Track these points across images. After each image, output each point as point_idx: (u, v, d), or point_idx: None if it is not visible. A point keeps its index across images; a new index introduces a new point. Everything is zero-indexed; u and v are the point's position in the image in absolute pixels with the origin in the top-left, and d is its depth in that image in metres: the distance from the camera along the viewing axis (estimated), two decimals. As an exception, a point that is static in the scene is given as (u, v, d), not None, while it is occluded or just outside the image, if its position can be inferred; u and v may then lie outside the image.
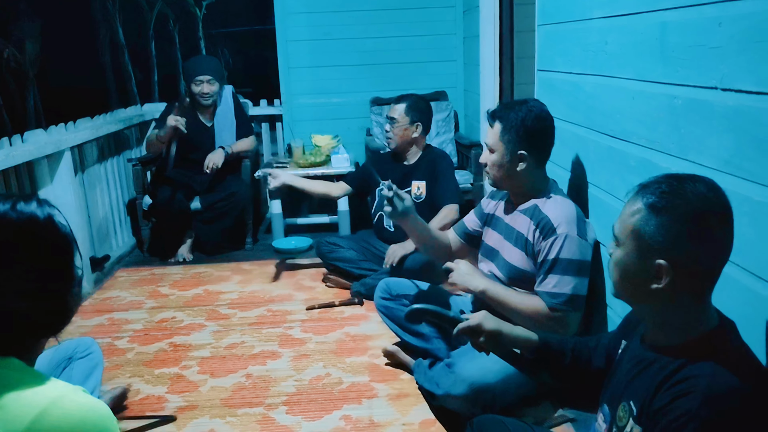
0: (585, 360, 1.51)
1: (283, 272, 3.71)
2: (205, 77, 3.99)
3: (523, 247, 2.07)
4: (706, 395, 1.03)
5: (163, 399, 2.38)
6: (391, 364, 2.56)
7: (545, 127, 2.08)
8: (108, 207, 4.06)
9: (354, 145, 4.70)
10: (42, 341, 1.08)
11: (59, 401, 0.92)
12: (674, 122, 1.61)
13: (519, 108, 2.06)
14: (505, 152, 2.06)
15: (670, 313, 1.15)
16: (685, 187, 1.13)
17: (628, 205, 1.18)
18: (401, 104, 3.19)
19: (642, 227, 1.12)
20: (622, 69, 1.92)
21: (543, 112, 2.07)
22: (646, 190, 1.16)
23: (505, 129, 2.05)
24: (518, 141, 2.04)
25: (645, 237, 1.12)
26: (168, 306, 3.27)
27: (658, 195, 1.12)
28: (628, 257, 1.16)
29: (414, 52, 4.82)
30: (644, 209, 1.13)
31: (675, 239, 1.09)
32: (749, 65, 1.30)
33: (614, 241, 1.21)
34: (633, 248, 1.14)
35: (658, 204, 1.11)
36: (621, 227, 1.18)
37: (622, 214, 1.18)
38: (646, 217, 1.12)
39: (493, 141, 2.09)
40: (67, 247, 1.05)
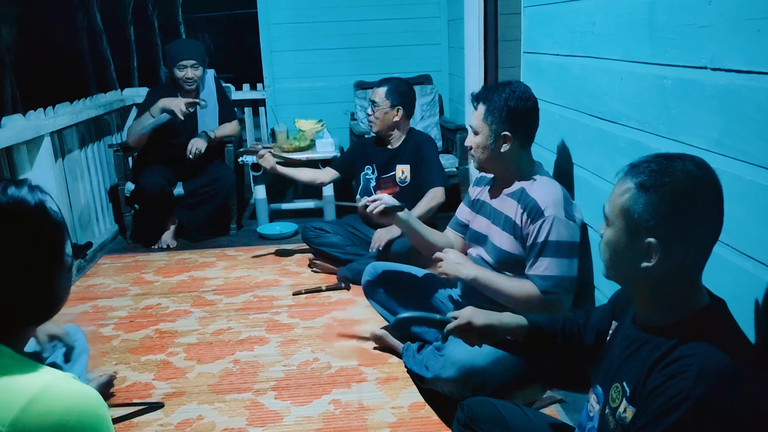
0: (576, 337, 1.52)
1: (268, 258, 3.68)
2: (190, 62, 3.93)
3: (512, 231, 2.07)
4: (700, 374, 1.03)
5: (150, 386, 2.36)
6: (379, 348, 2.55)
7: (529, 108, 2.07)
8: (90, 193, 4.00)
9: (338, 130, 4.67)
10: (30, 328, 1.07)
11: (50, 388, 0.91)
12: (664, 103, 1.61)
13: (502, 89, 2.06)
14: (489, 134, 2.06)
15: (661, 292, 1.15)
16: (674, 165, 1.13)
17: (618, 184, 1.18)
18: (382, 88, 3.17)
19: (631, 206, 1.12)
20: (610, 50, 1.91)
21: (526, 93, 2.07)
22: (636, 169, 1.16)
23: (489, 110, 2.05)
24: (502, 122, 2.03)
25: (634, 215, 1.12)
26: (153, 293, 3.23)
27: (647, 173, 1.12)
28: (618, 236, 1.16)
29: (398, 36, 4.78)
30: (633, 188, 1.13)
31: (664, 217, 1.09)
32: (739, 44, 1.30)
33: (605, 221, 1.20)
34: (623, 227, 1.14)
35: (647, 182, 1.11)
36: (611, 206, 1.18)
37: (612, 194, 1.18)
38: (636, 195, 1.12)
39: (477, 123, 2.09)
40: (57, 233, 1.03)
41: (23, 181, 1.03)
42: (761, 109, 1.24)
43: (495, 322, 1.56)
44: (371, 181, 3.26)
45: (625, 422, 1.14)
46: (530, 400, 2.14)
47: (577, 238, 2.03)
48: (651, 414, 1.06)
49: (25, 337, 1.05)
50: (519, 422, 1.60)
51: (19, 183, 1.01)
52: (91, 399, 0.94)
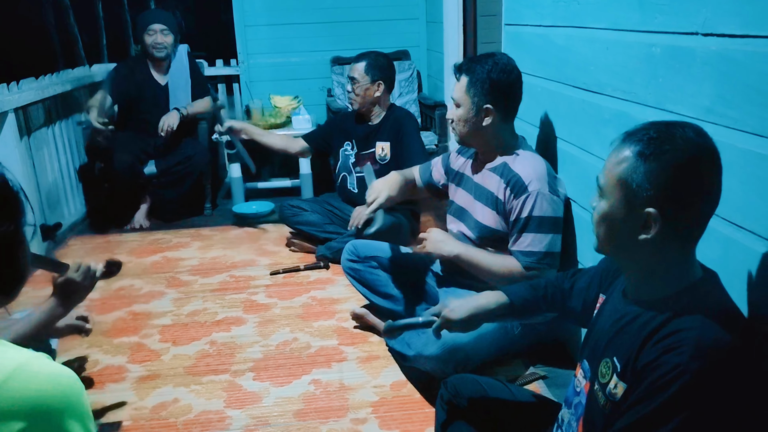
0: (559, 303, 1.51)
1: (245, 237, 3.60)
2: (159, 26, 3.80)
3: (494, 206, 2.03)
4: (696, 348, 1.00)
5: (123, 369, 2.29)
6: (359, 326, 2.51)
7: (512, 81, 2.03)
8: (58, 172, 3.86)
9: (315, 106, 4.57)
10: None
11: (26, 365, 0.87)
12: (652, 72, 1.56)
13: (485, 61, 2.01)
14: (471, 106, 2.01)
15: (656, 265, 1.12)
16: (674, 132, 1.08)
17: (612, 154, 1.13)
18: (361, 63, 3.08)
19: (629, 175, 1.07)
20: (595, 19, 1.86)
21: (510, 65, 2.02)
22: (632, 137, 1.11)
23: (471, 82, 2.00)
24: (484, 94, 1.99)
25: (633, 185, 1.07)
26: (125, 274, 3.13)
27: (645, 141, 1.07)
28: (614, 208, 1.11)
29: (375, 10, 4.68)
30: (632, 157, 1.08)
31: (664, 186, 1.05)
32: (734, 7, 1.25)
33: (598, 193, 1.15)
34: (620, 198, 1.09)
35: (647, 150, 1.06)
36: (606, 177, 1.12)
37: (607, 164, 1.13)
38: (634, 164, 1.07)
39: (459, 95, 2.03)
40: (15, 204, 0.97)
41: None
42: (756, 74, 1.20)
43: (475, 310, 1.53)
44: (350, 157, 3.19)
45: (616, 398, 1.11)
46: (513, 376, 2.11)
47: (561, 213, 2.00)
48: (645, 389, 1.03)
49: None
50: (502, 398, 1.57)
51: None
52: (69, 377, 0.91)
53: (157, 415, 2.01)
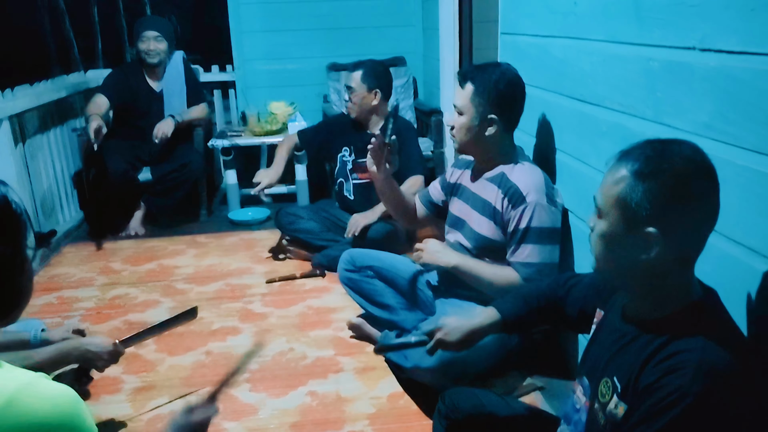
0: (553, 312, 1.50)
1: (240, 245, 3.59)
2: (152, 33, 3.80)
3: (492, 217, 2.03)
4: (698, 370, 0.99)
5: (118, 380, 2.27)
6: (356, 337, 2.50)
7: (517, 93, 2.03)
8: (53, 179, 3.85)
9: (311, 113, 4.56)
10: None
11: (27, 387, 0.87)
12: (650, 85, 1.56)
13: (493, 70, 2.00)
14: (475, 115, 2.00)
15: (656, 285, 1.11)
16: (671, 150, 1.08)
17: (609, 173, 1.12)
18: (358, 71, 3.07)
19: (628, 195, 1.06)
20: (593, 31, 1.86)
21: (516, 77, 2.03)
22: (629, 156, 1.10)
23: (477, 91, 1.99)
24: (489, 104, 1.98)
25: (632, 205, 1.06)
26: (120, 282, 3.13)
27: (643, 160, 1.07)
28: (613, 228, 1.10)
29: (371, 16, 4.67)
30: (629, 176, 1.07)
31: (664, 205, 1.04)
32: (733, 23, 1.25)
33: (596, 213, 1.15)
34: (619, 218, 1.09)
35: (645, 169, 1.06)
36: (604, 197, 1.11)
37: (604, 184, 1.12)
38: (632, 184, 1.06)
39: (463, 103, 2.02)
40: (16, 227, 0.97)
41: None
42: (754, 91, 1.20)
43: (469, 332, 1.53)
44: (348, 163, 3.19)
45: (617, 419, 1.10)
46: (510, 387, 2.11)
47: (559, 224, 1.99)
48: (647, 411, 1.02)
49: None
50: (500, 413, 1.57)
51: None
52: (71, 397, 0.91)
53: (152, 428, 2.00)
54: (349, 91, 3.07)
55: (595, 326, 1.35)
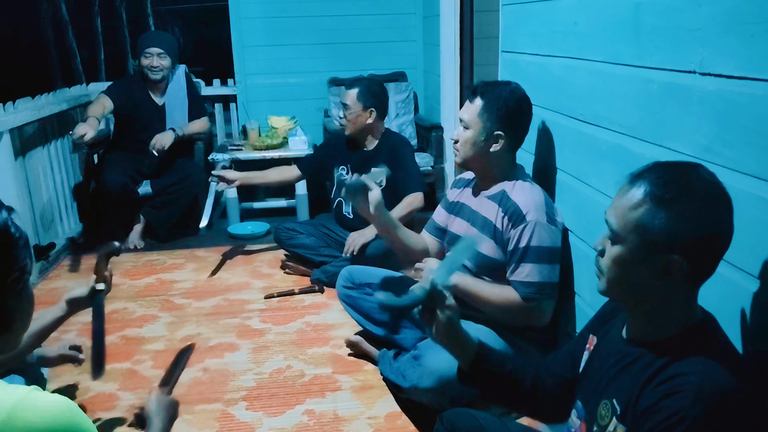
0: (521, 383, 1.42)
1: (239, 259, 3.58)
2: (156, 50, 3.82)
3: (492, 235, 2.02)
4: (698, 394, 0.99)
5: (114, 397, 2.26)
6: (354, 354, 2.48)
7: (525, 112, 2.04)
8: (53, 192, 3.84)
9: (311, 127, 4.58)
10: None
11: (25, 401, 0.88)
12: (649, 107, 1.56)
13: (503, 87, 2.01)
14: (482, 130, 2.00)
15: (663, 307, 1.11)
16: (689, 174, 1.07)
17: (623, 198, 1.10)
18: (353, 90, 3.06)
19: (649, 222, 1.05)
20: (593, 51, 1.86)
21: (525, 97, 2.04)
22: (643, 180, 1.08)
23: (486, 107, 1.99)
24: (497, 120, 1.98)
25: (654, 231, 1.05)
26: (118, 296, 3.11)
27: (662, 185, 1.06)
28: (631, 253, 1.09)
29: (373, 32, 4.70)
30: (649, 201, 1.06)
31: (689, 232, 1.03)
32: (731, 48, 1.25)
33: (609, 237, 1.13)
34: (638, 244, 1.07)
35: (666, 195, 1.05)
36: (621, 222, 1.09)
37: (618, 209, 1.10)
38: (653, 209, 1.05)
39: (471, 117, 2.02)
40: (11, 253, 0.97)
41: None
42: (753, 116, 1.20)
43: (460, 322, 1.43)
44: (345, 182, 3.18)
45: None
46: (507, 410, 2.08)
47: (559, 243, 1.99)
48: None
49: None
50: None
51: None
52: (71, 407, 0.93)
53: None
54: (344, 108, 3.06)
55: (588, 353, 1.34)
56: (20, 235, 0.98)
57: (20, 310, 1.02)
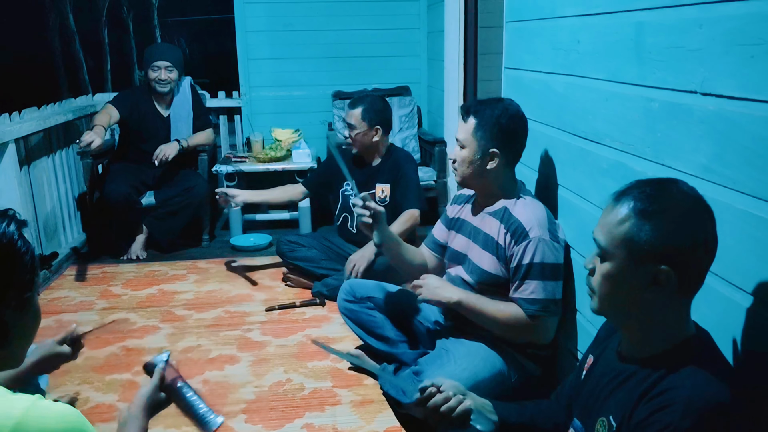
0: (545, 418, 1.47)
1: (241, 271, 3.59)
2: (163, 63, 3.84)
3: (494, 251, 2.02)
4: (688, 407, 1.01)
5: (113, 408, 2.26)
6: (354, 368, 2.48)
7: (519, 127, 2.04)
8: (56, 201, 3.87)
9: (315, 140, 4.60)
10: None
11: (32, 409, 0.89)
12: (650, 126, 1.57)
13: (495, 105, 2.01)
14: (477, 149, 2.01)
15: (654, 321, 1.12)
16: (670, 188, 1.11)
17: (609, 215, 1.14)
18: (357, 109, 3.03)
19: (635, 234, 1.08)
20: (595, 69, 1.87)
21: (519, 112, 2.04)
22: (627, 197, 1.12)
23: (480, 125, 2.00)
24: (492, 138, 1.99)
25: (640, 243, 1.08)
26: (120, 307, 3.12)
27: (645, 199, 1.09)
28: (621, 268, 1.11)
29: (377, 46, 4.73)
30: (633, 215, 1.09)
31: (673, 242, 1.06)
32: (732, 69, 1.26)
33: (598, 255, 1.15)
34: (626, 257, 1.10)
35: (649, 207, 1.08)
36: (608, 238, 1.12)
37: (606, 225, 1.13)
38: (638, 223, 1.08)
39: (465, 136, 2.03)
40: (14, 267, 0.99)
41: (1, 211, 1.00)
42: (753, 136, 1.21)
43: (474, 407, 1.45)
44: (350, 197, 3.18)
45: (611, 457, 1.10)
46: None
47: (562, 259, 1.99)
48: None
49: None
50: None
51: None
52: (76, 415, 0.94)
53: (146, 457, 1.98)
54: (349, 128, 3.05)
55: (586, 371, 1.34)
56: (26, 249, 0.99)
57: (22, 326, 1.02)
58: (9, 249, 0.97)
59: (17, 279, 0.99)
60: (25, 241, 1.00)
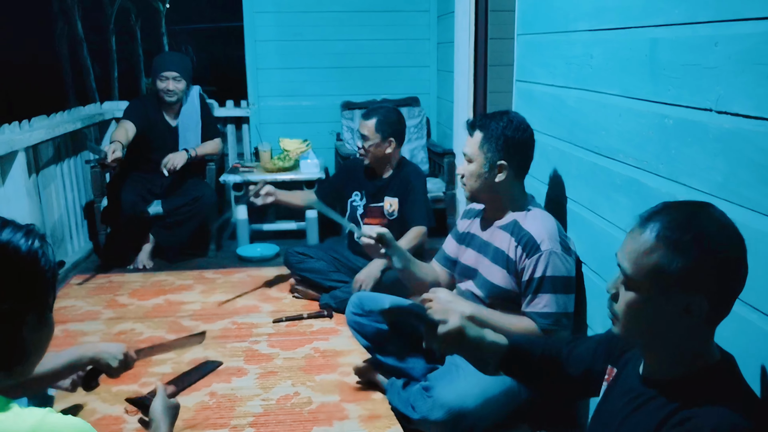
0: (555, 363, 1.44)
1: (248, 282, 3.57)
2: (171, 74, 3.85)
3: (505, 265, 2.01)
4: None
5: (121, 420, 2.24)
6: (362, 382, 2.46)
7: (526, 139, 2.03)
8: (64, 209, 3.87)
9: (323, 150, 4.60)
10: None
11: (43, 423, 0.89)
12: (664, 142, 1.56)
13: (500, 118, 2.01)
14: (484, 162, 2.00)
15: (679, 347, 1.10)
16: (700, 215, 1.07)
17: (635, 242, 1.09)
18: (371, 120, 3.01)
19: (665, 266, 1.04)
20: (608, 84, 1.86)
21: (524, 124, 2.03)
22: (654, 223, 1.08)
23: (486, 138, 2.00)
24: (498, 151, 1.98)
25: (671, 275, 1.04)
26: (127, 317, 3.11)
27: (675, 228, 1.05)
28: (648, 298, 1.08)
29: (387, 57, 4.73)
30: (663, 246, 1.05)
31: (707, 273, 1.03)
32: (747, 88, 1.25)
33: (622, 282, 1.12)
34: (655, 288, 1.07)
35: (680, 238, 1.04)
36: (635, 267, 1.08)
37: (633, 253, 1.09)
38: (668, 254, 1.04)
39: (472, 150, 2.03)
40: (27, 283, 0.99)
41: (25, 226, 1.00)
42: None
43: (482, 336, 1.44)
44: (358, 208, 3.18)
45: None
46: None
47: (573, 273, 1.98)
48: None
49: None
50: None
51: (18, 227, 0.99)
52: (83, 425, 0.94)
53: (153, 471, 1.96)
54: (363, 139, 3.03)
55: (607, 384, 1.32)
56: (49, 267, 0.99)
57: (37, 343, 1.02)
58: (33, 266, 0.97)
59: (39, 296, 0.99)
60: (47, 258, 1.00)
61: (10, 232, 0.97)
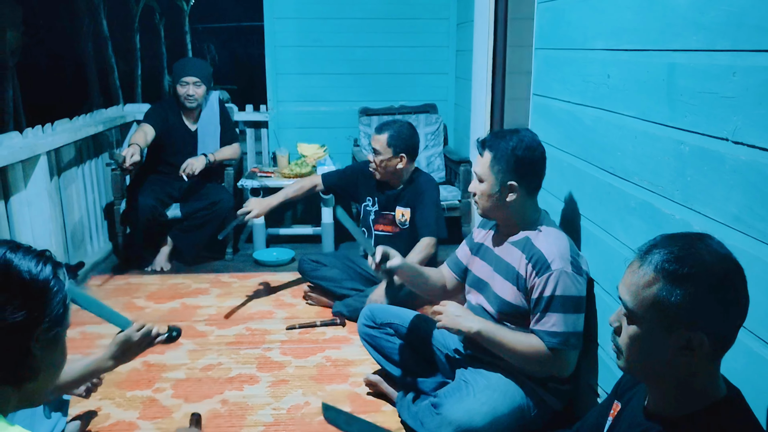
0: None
1: (263, 287, 3.60)
2: (192, 79, 3.89)
3: (515, 282, 2.01)
4: None
5: (134, 425, 2.27)
6: (372, 393, 2.47)
7: (536, 158, 2.02)
8: (84, 211, 3.93)
9: (341, 156, 4.61)
10: (6, 389, 1.02)
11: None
12: (680, 168, 1.55)
13: (510, 137, 2.00)
14: (495, 182, 2.00)
15: (685, 383, 1.09)
16: (698, 248, 1.06)
17: (634, 275, 1.09)
18: (383, 135, 3.00)
19: (664, 299, 1.04)
20: (624, 105, 1.85)
21: (534, 142, 2.02)
22: (653, 256, 1.07)
23: (495, 158, 1.99)
24: (508, 171, 1.98)
25: (671, 309, 1.04)
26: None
27: (673, 261, 1.04)
28: (649, 332, 1.08)
29: (405, 63, 4.74)
30: (662, 279, 1.05)
31: (706, 307, 1.02)
32: (765, 121, 1.24)
33: (625, 315, 1.12)
34: (656, 322, 1.06)
35: (679, 271, 1.03)
36: (635, 301, 1.08)
37: (632, 286, 1.09)
38: (668, 287, 1.04)
39: (483, 170, 2.03)
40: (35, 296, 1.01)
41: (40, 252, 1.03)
42: (786, 191, 1.18)
43: None
44: (370, 213, 3.19)
45: None
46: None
47: (584, 292, 1.97)
48: None
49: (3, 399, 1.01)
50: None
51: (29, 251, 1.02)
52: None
53: (164, 479, 1.99)
54: (374, 153, 3.03)
55: (612, 419, 1.32)
56: (58, 289, 1.02)
57: (48, 362, 1.04)
58: (43, 290, 1.00)
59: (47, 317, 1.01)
60: (58, 281, 1.03)
61: (21, 256, 1.01)
